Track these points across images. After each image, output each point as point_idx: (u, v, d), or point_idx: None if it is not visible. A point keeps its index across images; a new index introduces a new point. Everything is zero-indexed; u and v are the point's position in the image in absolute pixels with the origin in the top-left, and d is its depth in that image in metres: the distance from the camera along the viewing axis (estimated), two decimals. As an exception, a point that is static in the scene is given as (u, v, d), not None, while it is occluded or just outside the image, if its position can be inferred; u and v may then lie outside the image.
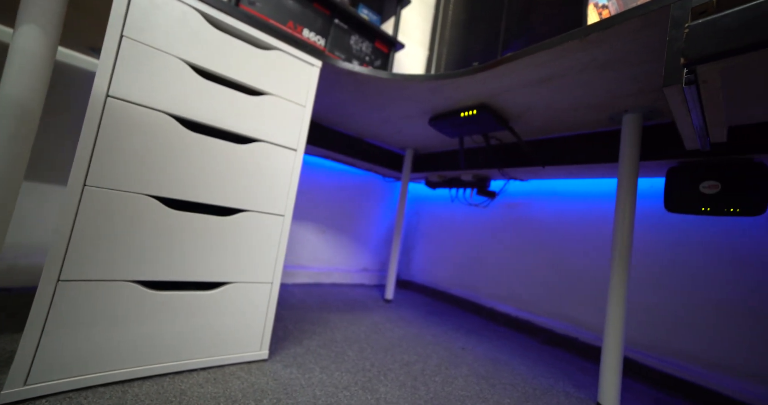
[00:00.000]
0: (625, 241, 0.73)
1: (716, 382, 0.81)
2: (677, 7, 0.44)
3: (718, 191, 0.74)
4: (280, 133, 0.70)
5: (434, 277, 1.66)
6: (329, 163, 1.60)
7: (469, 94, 0.86)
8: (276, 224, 0.70)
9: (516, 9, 1.56)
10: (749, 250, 0.83)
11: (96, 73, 0.49)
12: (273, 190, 0.69)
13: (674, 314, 0.91)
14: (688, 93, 0.42)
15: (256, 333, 0.67)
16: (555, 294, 1.18)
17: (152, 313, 0.55)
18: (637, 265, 1.00)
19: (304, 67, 0.75)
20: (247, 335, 0.66)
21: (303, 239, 1.51)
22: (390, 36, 1.47)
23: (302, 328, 0.92)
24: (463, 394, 0.68)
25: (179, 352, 0.58)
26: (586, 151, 0.96)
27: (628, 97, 0.74)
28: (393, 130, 1.26)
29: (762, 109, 0.60)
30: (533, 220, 1.29)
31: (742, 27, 0.33)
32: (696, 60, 0.35)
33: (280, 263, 0.70)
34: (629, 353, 0.96)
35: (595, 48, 0.59)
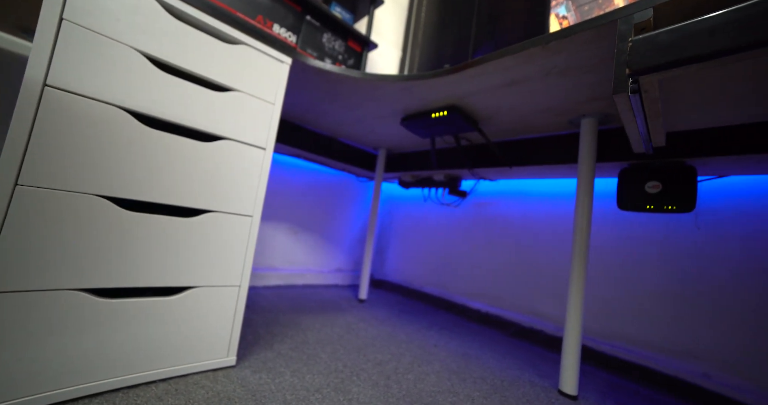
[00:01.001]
0: (584, 237, 0.77)
1: (658, 362, 0.89)
2: (623, 22, 0.47)
3: (659, 191, 0.81)
4: (248, 131, 0.68)
5: (407, 275, 1.68)
6: (302, 163, 1.57)
7: (440, 95, 0.87)
8: (244, 225, 0.67)
9: (485, 15, 1.62)
10: (682, 242, 0.92)
11: (29, 58, 0.44)
12: (240, 190, 0.67)
13: (623, 303, 0.99)
14: (633, 101, 0.46)
15: (223, 339, 0.65)
16: (522, 289, 1.23)
17: (102, 322, 0.51)
18: (593, 260, 1.07)
19: (274, 63, 0.73)
20: (212, 341, 0.63)
21: (275, 240, 1.47)
22: (363, 35, 1.46)
23: (273, 331, 0.90)
24: (435, 390, 0.70)
25: (135, 363, 0.54)
26: (549, 152, 1.02)
27: (585, 103, 0.79)
28: (366, 129, 1.26)
29: (692, 118, 0.67)
30: (502, 219, 1.34)
31: (673, 44, 0.36)
32: (638, 71, 0.39)
33: (248, 265, 0.68)
34: (586, 341, 1.03)
35: (555, 55, 0.63)
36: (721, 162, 0.76)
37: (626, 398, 0.79)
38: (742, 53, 0.32)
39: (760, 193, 0.83)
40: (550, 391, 0.77)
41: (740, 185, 0.86)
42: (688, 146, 0.77)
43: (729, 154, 0.71)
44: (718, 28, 0.34)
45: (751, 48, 0.31)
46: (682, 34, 0.36)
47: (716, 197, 0.89)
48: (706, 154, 0.74)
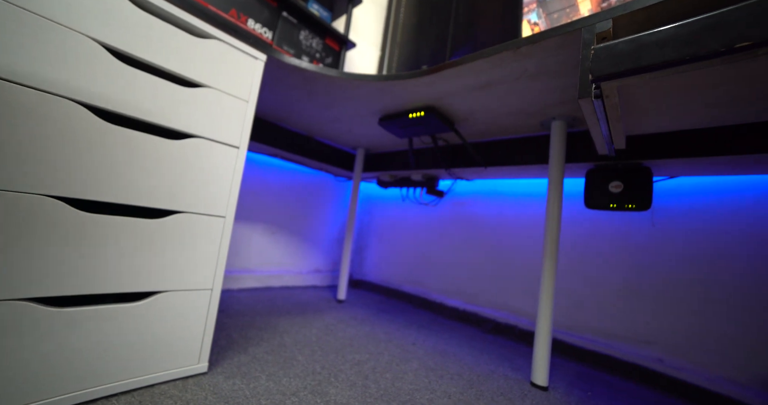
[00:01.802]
0: (554, 235, 0.81)
1: (619, 351, 0.95)
2: (586, 31, 0.50)
3: (621, 190, 0.87)
4: (220, 129, 0.66)
5: (386, 275, 1.68)
6: (279, 162, 1.54)
7: (417, 96, 0.88)
8: (216, 226, 0.65)
9: (463, 18, 1.65)
10: (640, 239, 0.98)
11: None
12: (212, 190, 0.64)
13: (590, 297, 1.04)
14: (597, 105, 0.48)
15: (194, 345, 0.62)
16: (498, 286, 1.27)
17: (55, 334, 0.47)
18: (564, 257, 1.12)
19: (247, 59, 0.71)
20: (182, 348, 0.61)
21: (250, 242, 1.43)
22: (341, 34, 1.45)
23: (248, 335, 0.87)
24: (413, 388, 0.71)
25: (94, 376, 0.51)
26: (522, 153, 1.05)
27: (555, 106, 0.82)
28: (344, 129, 1.25)
29: (647, 123, 0.71)
30: (478, 219, 1.37)
31: (630, 54, 0.39)
32: (600, 78, 0.41)
33: (221, 268, 0.66)
34: (557, 335, 1.07)
35: (526, 60, 0.65)
36: (672, 164, 0.82)
37: (591, 386, 0.83)
38: (686, 65, 0.35)
39: (705, 191, 0.90)
40: (522, 383, 0.80)
41: (689, 185, 0.93)
42: (644, 149, 0.82)
43: (679, 156, 0.77)
44: (666, 41, 0.36)
45: (694, 61, 0.34)
46: (637, 44, 0.38)
47: (669, 196, 0.95)
48: (660, 156, 0.79)
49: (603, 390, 0.83)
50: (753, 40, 0.31)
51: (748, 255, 0.83)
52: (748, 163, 0.75)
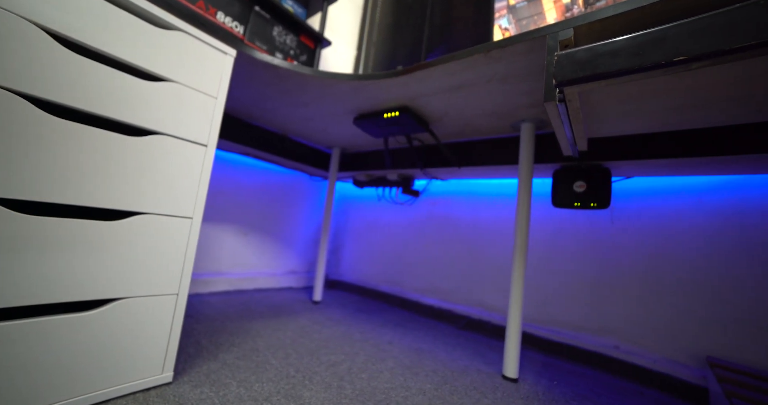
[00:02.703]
0: (523, 232, 0.84)
1: (581, 340, 1.01)
2: (551, 38, 0.52)
3: (585, 190, 0.92)
4: (186, 126, 0.63)
5: (363, 275, 1.68)
6: (252, 161, 1.49)
7: (392, 96, 0.89)
8: (182, 228, 0.62)
9: (438, 21, 1.68)
10: (601, 235, 1.04)
11: None
12: (178, 190, 0.61)
13: (557, 291, 1.10)
14: (561, 109, 0.51)
15: (157, 354, 0.59)
16: (471, 283, 1.30)
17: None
18: (533, 253, 1.16)
19: (216, 54, 0.68)
20: (144, 358, 0.57)
21: (222, 243, 1.38)
22: (316, 31, 1.43)
23: (218, 340, 0.84)
24: (388, 387, 0.71)
25: (39, 395, 0.47)
26: (493, 154, 1.09)
27: (523, 109, 0.85)
28: (318, 128, 1.24)
29: (606, 126, 0.76)
30: (453, 218, 1.40)
31: (588, 61, 0.41)
32: (562, 82, 0.43)
33: (188, 271, 0.63)
34: (527, 328, 1.12)
35: (496, 63, 0.67)
36: (627, 165, 0.88)
37: (557, 375, 0.88)
38: (635, 74, 0.37)
39: (656, 191, 0.98)
40: (494, 376, 0.83)
41: (643, 185, 1.00)
42: (604, 151, 0.88)
43: (634, 158, 0.83)
44: (618, 52, 0.39)
45: (641, 70, 0.37)
46: (594, 53, 0.41)
47: (626, 195, 1.02)
48: (616, 158, 0.85)
49: (567, 378, 0.87)
50: (688, 54, 0.34)
51: (689, 250, 0.90)
52: (693, 165, 0.82)
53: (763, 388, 0.70)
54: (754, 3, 0.33)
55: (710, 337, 0.85)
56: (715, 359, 0.82)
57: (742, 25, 0.32)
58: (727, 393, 0.69)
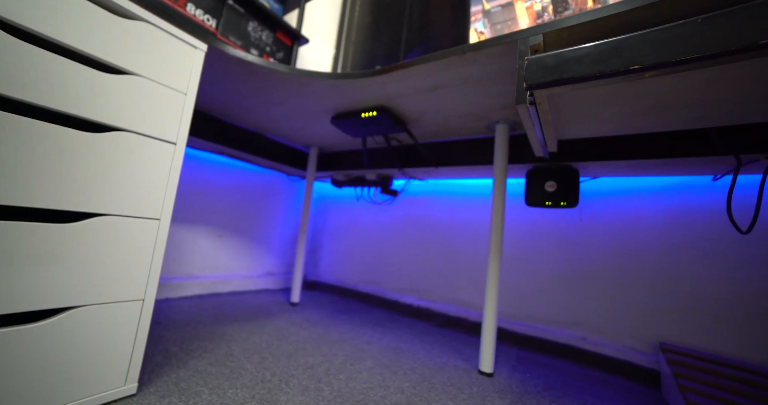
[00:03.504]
0: (498, 230, 0.87)
1: (552, 333, 1.05)
2: (521, 42, 0.54)
3: (555, 189, 0.96)
4: (153, 122, 0.60)
5: (342, 275, 1.67)
6: (227, 160, 1.44)
7: (370, 95, 0.89)
8: (148, 230, 0.59)
9: (416, 22, 1.69)
10: (570, 232, 1.09)
11: None
12: (143, 190, 0.58)
13: (530, 287, 1.14)
14: (532, 111, 0.53)
15: (120, 364, 0.56)
16: (449, 282, 1.32)
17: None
18: (508, 251, 1.20)
19: (185, 48, 0.65)
20: (104, 370, 0.54)
21: (194, 246, 1.33)
22: (293, 28, 1.41)
23: (189, 347, 0.81)
24: (366, 387, 0.71)
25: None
26: (470, 154, 1.11)
27: (498, 110, 0.88)
28: (295, 126, 1.21)
29: (574, 129, 0.80)
30: (430, 217, 1.42)
31: (555, 66, 0.43)
32: (532, 86, 0.45)
33: (155, 276, 0.60)
34: (502, 324, 1.15)
35: (471, 65, 0.69)
36: (593, 166, 0.92)
37: (529, 367, 0.91)
38: (597, 80, 0.39)
39: (620, 191, 1.03)
40: (471, 372, 0.85)
41: (608, 185, 1.06)
42: (572, 152, 0.92)
43: (600, 159, 0.87)
44: (582, 58, 0.41)
45: (602, 77, 0.39)
46: (561, 59, 0.43)
47: (592, 195, 1.08)
48: (585, 159, 0.89)
49: (539, 370, 0.91)
50: (642, 64, 0.37)
51: (646, 246, 0.97)
52: (651, 167, 0.87)
53: (706, 368, 0.77)
54: (694, 21, 0.36)
55: (664, 324, 0.91)
56: (667, 344, 0.88)
57: (686, 40, 0.35)
58: (675, 374, 0.75)
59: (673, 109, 0.63)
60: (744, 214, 0.86)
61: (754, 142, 0.70)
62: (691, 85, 0.54)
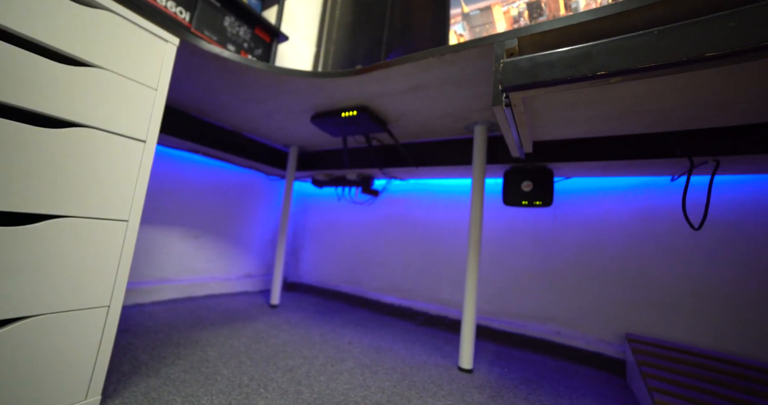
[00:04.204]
0: (477, 229, 0.88)
1: (528, 328, 1.09)
2: (497, 46, 0.56)
3: (531, 189, 0.99)
4: (119, 119, 0.57)
5: (323, 275, 1.65)
6: (203, 159, 1.39)
7: (350, 95, 0.88)
8: (115, 232, 0.56)
9: (397, 23, 1.70)
10: (545, 230, 1.13)
11: None
12: (109, 190, 0.55)
13: (508, 284, 1.17)
14: (507, 113, 0.54)
15: (80, 376, 0.52)
16: (430, 281, 1.34)
17: None
18: (487, 250, 1.23)
19: (154, 41, 0.62)
20: (62, 383, 0.50)
21: (168, 248, 1.27)
22: (272, 25, 1.38)
23: (161, 354, 0.77)
24: (347, 388, 0.71)
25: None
26: (449, 154, 1.13)
27: (476, 112, 0.90)
28: (275, 125, 1.19)
29: (548, 130, 0.83)
30: (411, 217, 1.43)
31: (529, 70, 0.44)
32: (507, 88, 0.46)
33: (122, 280, 0.57)
34: (481, 321, 1.18)
35: (450, 67, 0.70)
36: (567, 166, 0.96)
37: (507, 362, 0.94)
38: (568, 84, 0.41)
39: (591, 190, 1.08)
40: (451, 369, 0.86)
41: (580, 185, 1.11)
42: (547, 153, 0.95)
43: (572, 160, 0.91)
44: (554, 63, 0.43)
45: (572, 81, 0.41)
46: (534, 63, 0.44)
47: (566, 194, 1.12)
48: (558, 160, 0.93)
49: (517, 364, 0.93)
50: (607, 70, 0.39)
51: (614, 242, 1.02)
52: (619, 168, 0.92)
53: (667, 355, 0.82)
54: (651, 32, 0.38)
55: (630, 316, 0.97)
56: (633, 335, 0.93)
57: (644, 49, 0.37)
58: (638, 362, 0.80)
59: (637, 114, 0.67)
60: (699, 212, 0.92)
61: (704, 145, 0.76)
62: (652, 92, 0.57)
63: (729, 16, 0.35)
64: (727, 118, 0.66)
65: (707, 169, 0.83)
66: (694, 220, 0.92)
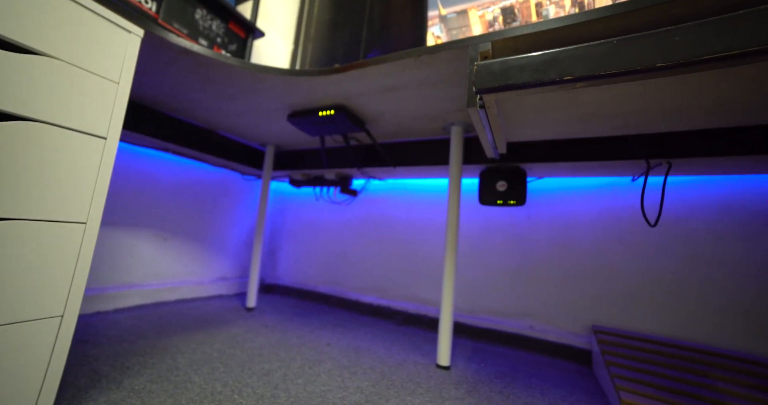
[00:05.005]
0: (453, 228, 0.90)
1: (504, 324, 1.13)
2: (472, 49, 0.57)
3: (506, 189, 1.02)
4: (76, 113, 0.53)
5: (301, 276, 1.63)
6: (174, 158, 1.33)
7: (327, 94, 0.87)
8: (71, 236, 0.52)
9: (377, 22, 1.70)
10: (519, 229, 1.17)
11: None
12: (63, 190, 0.52)
13: (485, 282, 1.20)
14: (482, 114, 0.56)
15: (26, 395, 0.47)
16: (409, 280, 1.35)
17: None
18: (464, 248, 1.25)
19: (116, 31, 0.59)
20: (6, 401, 0.46)
21: (135, 251, 1.21)
22: (247, 20, 1.34)
23: (125, 364, 0.73)
24: (325, 389, 0.70)
25: None
26: (426, 154, 1.14)
27: (453, 113, 0.91)
28: (250, 124, 1.16)
29: (521, 132, 0.86)
30: (390, 216, 1.44)
31: (501, 73, 0.46)
32: (480, 90, 0.47)
33: (79, 287, 0.53)
34: (458, 318, 1.20)
35: (426, 67, 0.71)
36: (540, 167, 1.00)
37: (484, 358, 0.96)
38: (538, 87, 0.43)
39: (562, 190, 1.13)
40: (429, 366, 0.87)
41: (552, 185, 1.15)
42: (520, 154, 0.98)
43: (544, 161, 0.94)
44: (525, 67, 0.44)
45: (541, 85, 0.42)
46: (506, 66, 0.45)
47: (539, 194, 1.16)
48: (531, 160, 0.96)
49: (493, 359, 0.96)
50: (573, 75, 0.41)
51: (583, 240, 1.07)
52: (588, 168, 0.96)
53: (630, 344, 0.88)
54: (611, 41, 0.41)
55: (597, 309, 1.02)
56: (598, 326, 0.99)
57: (605, 57, 0.40)
58: (603, 351, 0.85)
59: (602, 118, 0.71)
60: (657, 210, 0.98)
61: (659, 148, 0.81)
62: (613, 98, 0.60)
63: (674, 31, 0.37)
64: (678, 123, 0.71)
65: (662, 171, 0.89)
66: (651, 218, 0.99)
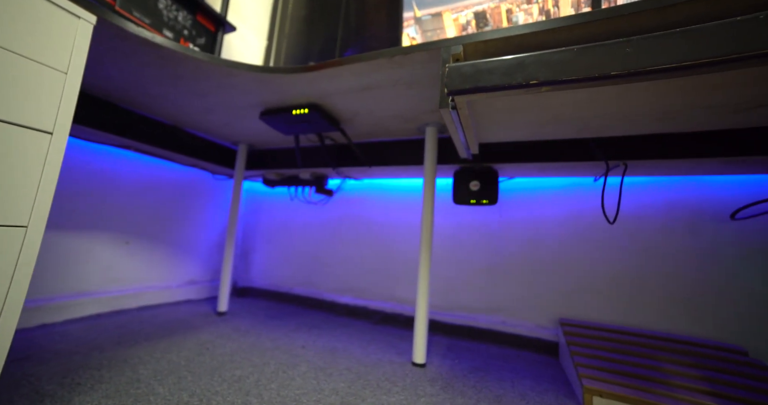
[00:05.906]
0: (428, 227, 0.91)
1: (477, 320, 1.16)
2: (444, 51, 0.58)
3: (479, 188, 1.05)
4: (14, 105, 0.48)
5: (276, 278, 1.59)
6: (136, 156, 1.25)
7: (301, 92, 0.85)
8: (9, 241, 0.48)
9: (353, 21, 1.68)
10: (492, 228, 1.21)
11: None
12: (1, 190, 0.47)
13: (459, 279, 1.23)
14: (454, 115, 0.57)
15: None
16: (385, 279, 1.35)
17: None
18: (439, 247, 1.28)
19: (63, 16, 0.54)
20: None
21: (90, 256, 1.12)
22: (216, 12, 1.28)
23: (75, 380, 0.67)
24: (300, 393, 0.68)
25: None
26: (401, 154, 1.15)
27: (427, 113, 0.92)
28: (220, 121, 1.11)
29: (492, 133, 0.88)
30: (366, 216, 1.43)
31: (472, 75, 0.47)
32: (452, 92, 0.48)
33: (17, 298, 0.48)
34: (434, 316, 1.22)
35: (400, 68, 0.71)
36: (510, 167, 1.04)
37: (458, 353, 0.98)
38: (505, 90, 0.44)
39: (531, 189, 1.18)
40: (405, 365, 0.88)
41: (522, 185, 1.20)
42: (492, 155, 1.02)
43: (514, 161, 0.98)
44: (494, 70, 0.46)
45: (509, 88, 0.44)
46: (476, 69, 0.47)
47: (510, 193, 1.21)
48: (502, 161, 0.99)
49: (466, 355, 0.98)
50: (538, 79, 0.43)
51: (551, 237, 1.12)
52: (555, 169, 1.01)
53: (594, 335, 0.93)
54: (571, 49, 0.43)
55: (564, 303, 1.08)
56: (565, 319, 1.04)
57: (566, 64, 0.42)
58: (568, 342, 0.90)
59: (565, 121, 0.74)
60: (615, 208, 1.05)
61: (616, 150, 0.87)
62: (576, 102, 0.64)
63: (625, 42, 0.40)
64: (632, 127, 0.76)
65: (620, 171, 0.95)
66: (611, 216, 1.05)
